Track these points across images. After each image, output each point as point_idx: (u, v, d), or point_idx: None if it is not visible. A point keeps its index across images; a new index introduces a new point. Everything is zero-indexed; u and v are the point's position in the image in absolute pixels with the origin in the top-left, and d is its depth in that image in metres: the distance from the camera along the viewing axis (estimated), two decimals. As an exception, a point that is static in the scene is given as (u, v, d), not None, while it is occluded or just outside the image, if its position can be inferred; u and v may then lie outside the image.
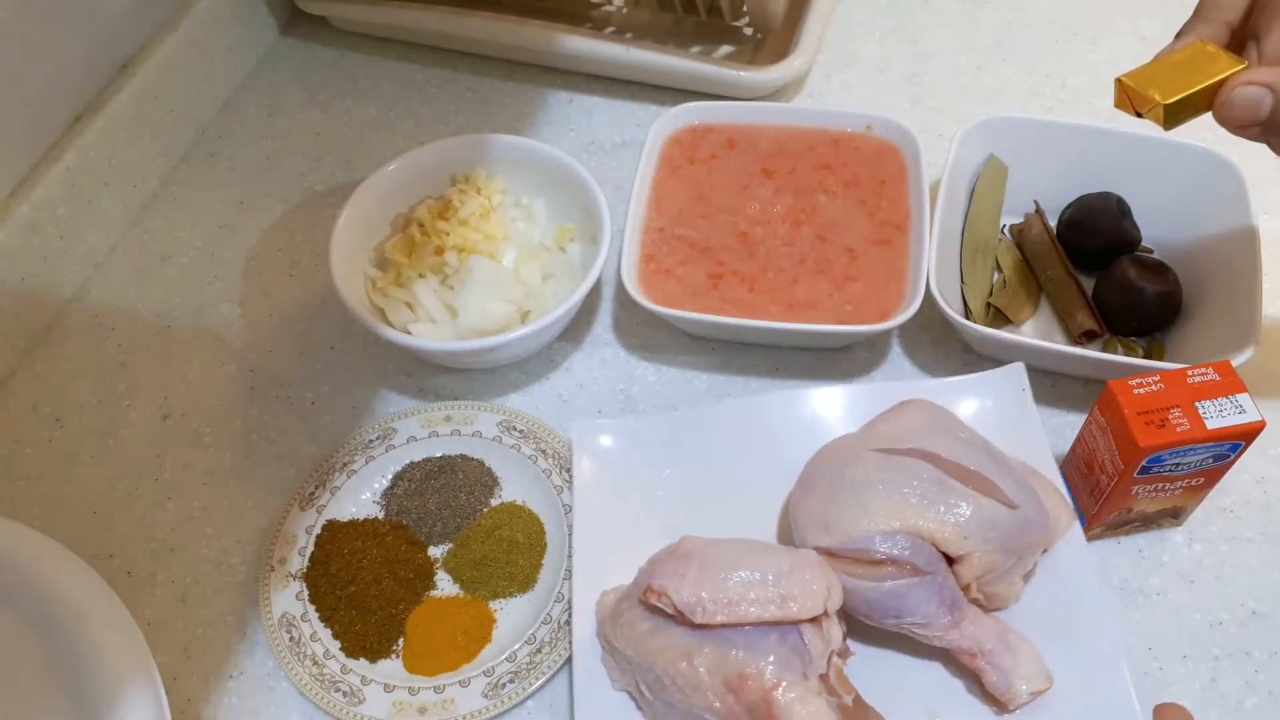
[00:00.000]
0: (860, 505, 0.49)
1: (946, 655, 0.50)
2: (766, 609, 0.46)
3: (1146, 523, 0.55)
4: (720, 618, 0.46)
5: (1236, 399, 0.49)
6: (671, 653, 0.47)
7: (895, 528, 0.48)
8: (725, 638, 0.46)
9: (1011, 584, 0.51)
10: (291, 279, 0.71)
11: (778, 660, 0.45)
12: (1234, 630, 0.54)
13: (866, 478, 0.50)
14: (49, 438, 0.64)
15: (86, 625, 0.49)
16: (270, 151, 0.79)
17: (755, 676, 0.45)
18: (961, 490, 0.49)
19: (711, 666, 0.46)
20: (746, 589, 0.47)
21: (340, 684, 0.53)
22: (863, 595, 0.48)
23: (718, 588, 0.47)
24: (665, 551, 0.51)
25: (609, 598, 0.52)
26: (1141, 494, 0.52)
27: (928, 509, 0.48)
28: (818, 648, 0.46)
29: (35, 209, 0.66)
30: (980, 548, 0.48)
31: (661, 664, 0.47)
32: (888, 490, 0.49)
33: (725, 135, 0.70)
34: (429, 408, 0.62)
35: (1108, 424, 0.50)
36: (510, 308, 0.62)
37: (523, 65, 0.83)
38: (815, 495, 0.51)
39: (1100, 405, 0.51)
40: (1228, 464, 0.50)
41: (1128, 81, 0.49)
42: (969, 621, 0.49)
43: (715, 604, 0.46)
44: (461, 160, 0.69)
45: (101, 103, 0.71)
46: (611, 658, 0.51)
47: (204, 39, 0.79)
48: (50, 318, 0.69)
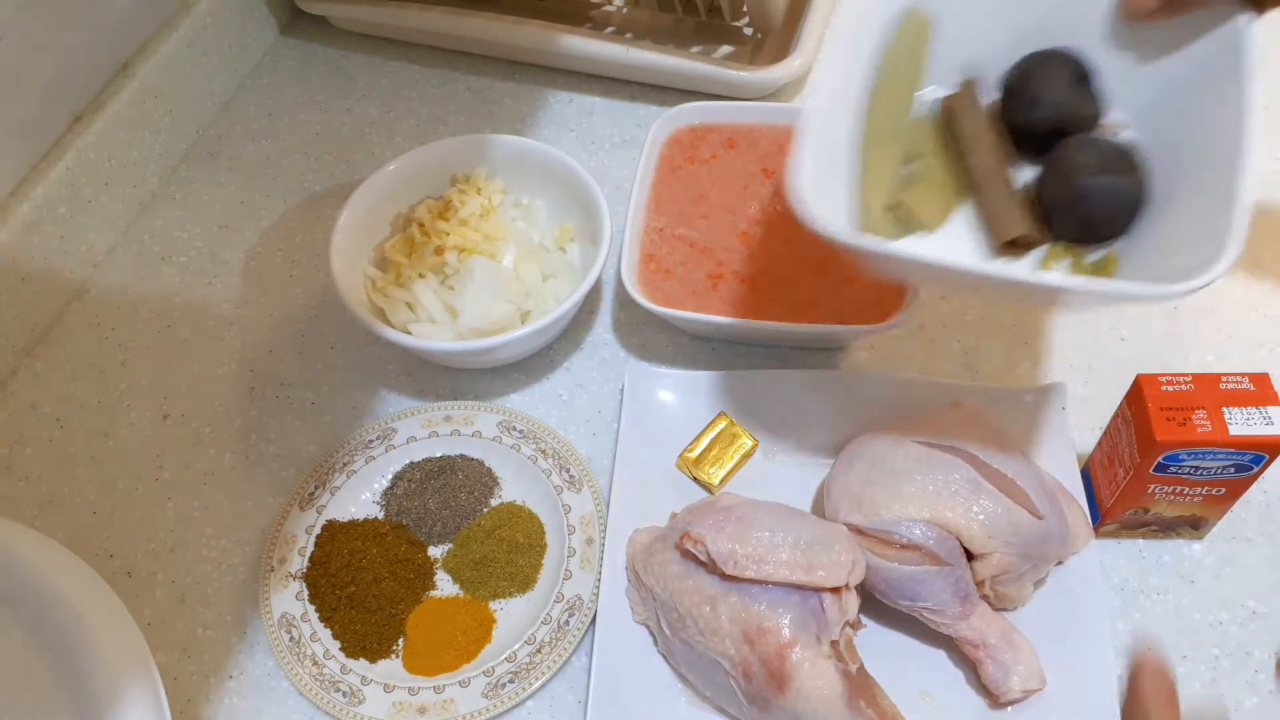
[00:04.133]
0: (895, 490, 0.51)
1: (949, 643, 0.52)
2: (794, 572, 0.48)
3: (1165, 529, 0.55)
4: (749, 572, 0.49)
5: (1267, 410, 0.48)
6: (698, 596, 0.50)
7: (925, 516, 0.50)
8: (751, 592, 0.49)
9: (1023, 588, 0.52)
10: (291, 279, 0.71)
11: (796, 621, 0.48)
12: (1234, 630, 0.53)
13: (905, 466, 0.51)
14: (49, 438, 0.64)
15: (86, 625, 0.49)
16: (270, 151, 0.79)
17: (773, 632, 0.47)
18: (993, 493, 0.50)
19: (733, 616, 0.49)
20: (777, 550, 0.49)
21: (340, 684, 0.53)
22: (884, 574, 0.50)
23: (751, 544, 0.49)
24: (705, 503, 0.55)
25: (641, 536, 0.55)
26: (1159, 494, 0.52)
27: (958, 505, 0.50)
28: (834, 616, 0.48)
29: (35, 209, 0.66)
30: (1001, 549, 0.49)
31: (686, 605, 0.50)
32: (923, 481, 0.51)
33: (725, 135, 0.70)
34: (429, 408, 0.62)
35: (1132, 417, 0.50)
36: (510, 308, 0.62)
37: (523, 65, 0.83)
38: (854, 474, 0.53)
39: (1128, 398, 0.51)
40: (1251, 476, 0.50)
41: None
42: (978, 615, 0.50)
43: (747, 559, 0.49)
44: (461, 160, 0.68)
45: (102, 102, 0.71)
46: (636, 591, 0.54)
47: (204, 39, 0.79)
48: (50, 318, 0.69)
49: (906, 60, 0.54)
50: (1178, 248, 0.45)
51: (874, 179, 0.51)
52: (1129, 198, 0.48)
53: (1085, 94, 0.51)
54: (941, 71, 0.55)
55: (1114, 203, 0.48)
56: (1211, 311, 0.65)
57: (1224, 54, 0.47)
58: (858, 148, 0.52)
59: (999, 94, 0.53)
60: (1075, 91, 0.50)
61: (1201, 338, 0.64)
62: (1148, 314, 0.65)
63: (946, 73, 0.55)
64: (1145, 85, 0.51)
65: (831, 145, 0.50)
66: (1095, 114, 0.51)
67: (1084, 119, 0.51)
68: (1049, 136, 0.50)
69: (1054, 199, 0.49)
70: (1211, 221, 0.43)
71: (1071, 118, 0.50)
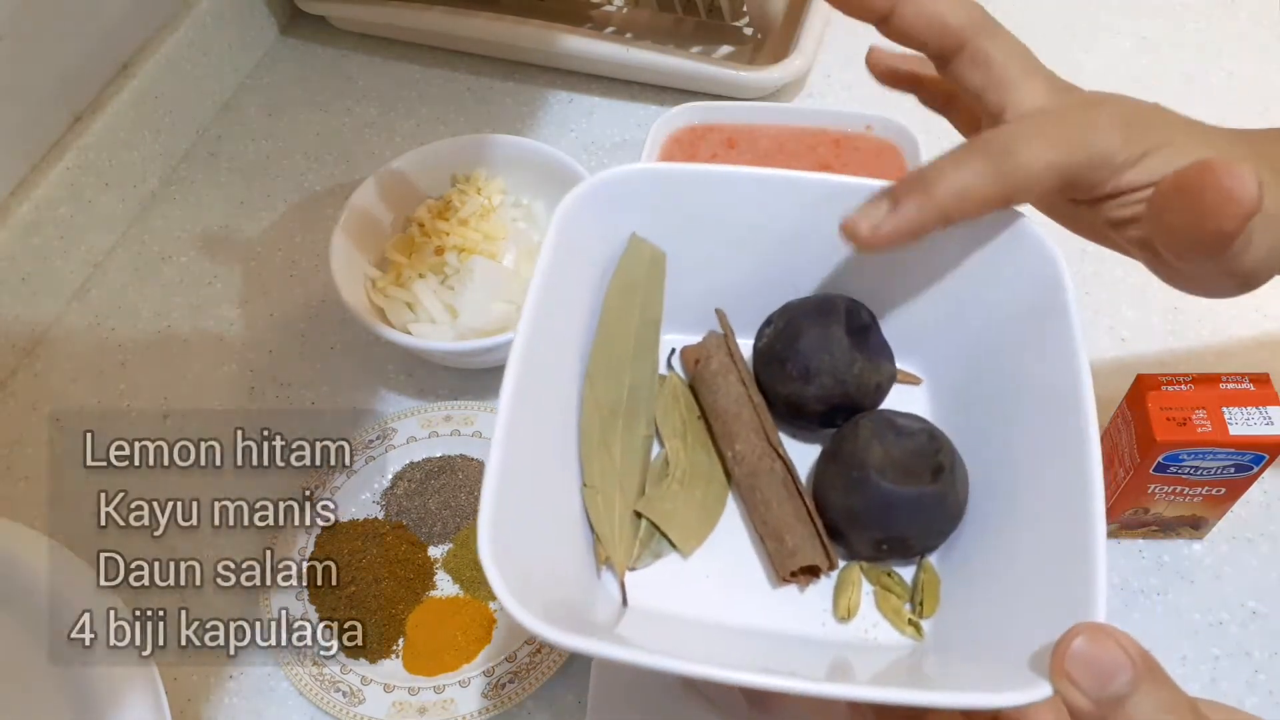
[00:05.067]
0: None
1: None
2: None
3: (1165, 529, 0.55)
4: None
5: (1267, 411, 0.48)
6: None
7: None
8: None
9: None
10: (291, 279, 0.71)
11: None
12: (1234, 630, 0.53)
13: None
14: (49, 438, 0.64)
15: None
16: (270, 151, 0.79)
17: None
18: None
19: None
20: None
21: (340, 684, 0.53)
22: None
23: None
24: None
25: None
26: (1159, 494, 0.52)
27: None
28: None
29: (35, 209, 0.66)
30: None
31: None
32: None
33: (725, 135, 0.70)
34: (429, 408, 0.62)
35: (1132, 417, 0.50)
36: (510, 308, 0.62)
37: (523, 65, 0.83)
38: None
39: (1128, 398, 0.51)
40: (1251, 476, 0.50)
41: None
42: None
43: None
44: (461, 160, 0.68)
45: (102, 103, 0.71)
46: None
47: (204, 39, 0.79)
48: (50, 318, 0.69)
49: (632, 304, 0.40)
50: (1014, 588, 0.33)
51: (603, 473, 0.37)
52: (947, 504, 0.35)
53: (872, 355, 0.38)
54: (675, 308, 0.41)
55: (929, 515, 0.35)
56: (1212, 311, 0.65)
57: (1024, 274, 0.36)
58: (578, 425, 0.38)
59: (754, 354, 0.40)
60: (858, 354, 0.37)
61: (1201, 338, 0.64)
62: (1148, 314, 0.65)
63: (681, 309, 0.41)
64: (934, 328, 0.40)
65: (538, 430, 0.36)
66: (886, 380, 0.38)
67: (873, 389, 0.38)
68: (826, 410, 0.38)
69: (846, 508, 0.35)
70: (1062, 547, 0.31)
71: (858, 391, 0.37)
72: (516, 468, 0.33)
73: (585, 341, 0.39)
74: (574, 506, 0.37)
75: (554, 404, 0.37)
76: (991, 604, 0.33)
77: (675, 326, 0.42)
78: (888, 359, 0.39)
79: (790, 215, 0.39)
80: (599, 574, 0.37)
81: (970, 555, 0.36)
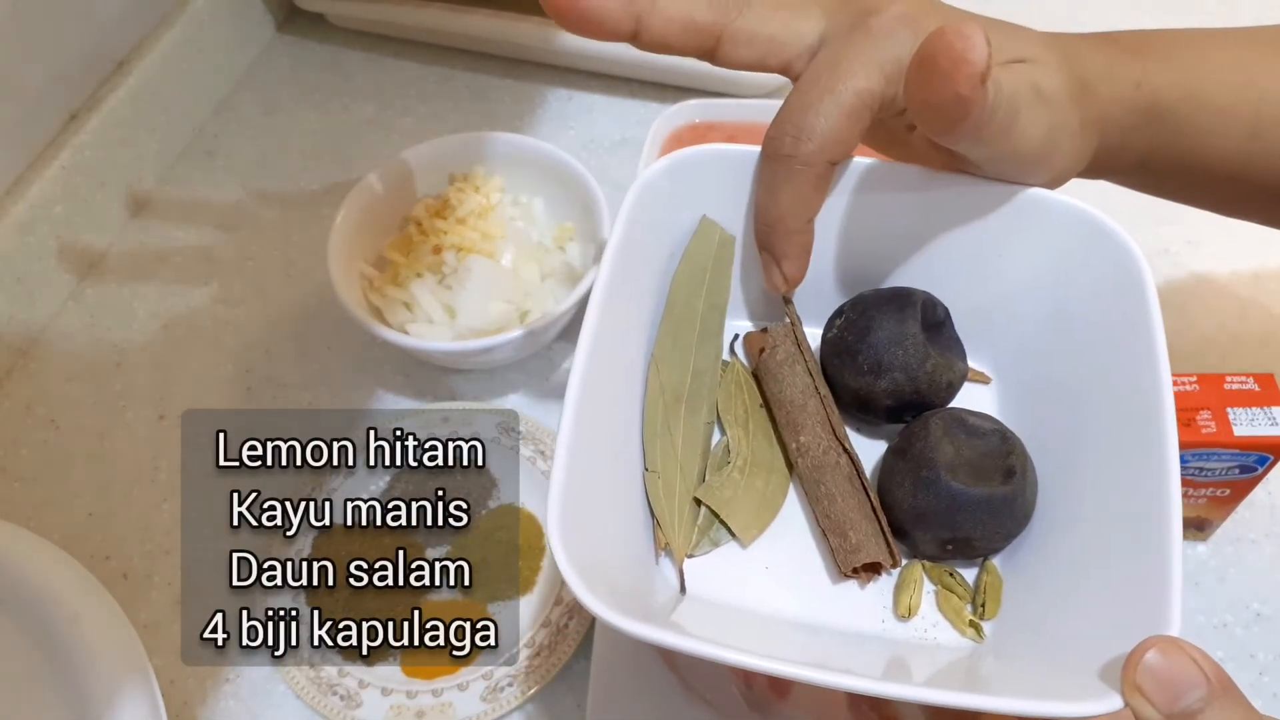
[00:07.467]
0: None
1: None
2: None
3: None
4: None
5: (1271, 411, 0.48)
6: None
7: None
8: None
9: None
10: (288, 279, 0.71)
11: None
12: (1239, 633, 0.53)
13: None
14: (44, 439, 0.63)
15: (82, 628, 0.49)
16: (267, 150, 0.79)
17: None
18: None
19: None
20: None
21: (338, 687, 0.52)
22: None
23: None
24: None
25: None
26: None
27: None
28: None
29: (30, 208, 0.66)
30: None
31: None
32: None
33: (726, 133, 0.70)
34: (427, 408, 0.62)
35: None
36: (509, 307, 0.61)
37: (521, 62, 0.83)
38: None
39: None
40: (1256, 477, 0.49)
41: None
42: None
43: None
44: (459, 158, 0.68)
45: (97, 101, 0.71)
46: None
47: (200, 37, 0.78)
48: (45, 318, 0.69)
49: (699, 287, 0.39)
50: (1086, 593, 0.32)
51: (665, 460, 0.37)
52: (1017, 507, 0.34)
53: (945, 351, 0.37)
54: (738, 293, 0.41)
55: (997, 516, 0.34)
56: (1217, 311, 0.64)
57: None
58: (641, 410, 0.37)
59: (822, 344, 0.39)
60: (932, 350, 0.36)
61: (1206, 337, 0.64)
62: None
63: (744, 295, 0.41)
64: (1005, 326, 0.39)
65: (601, 417, 0.35)
66: (957, 379, 0.37)
67: (945, 387, 0.37)
68: (894, 405, 0.37)
69: (913, 507, 0.35)
70: (1136, 553, 0.31)
71: (929, 388, 0.36)
72: (584, 450, 0.32)
73: (652, 323, 0.39)
74: (636, 491, 0.36)
75: (620, 385, 0.37)
76: (1055, 609, 0.33)
77: (737, 312, 0.41)
78: (960, 356, 0.38)
79: (863, 203, 0.38)
80: (657, 560, 0.36)
81: (1034, 558, 0.35)
